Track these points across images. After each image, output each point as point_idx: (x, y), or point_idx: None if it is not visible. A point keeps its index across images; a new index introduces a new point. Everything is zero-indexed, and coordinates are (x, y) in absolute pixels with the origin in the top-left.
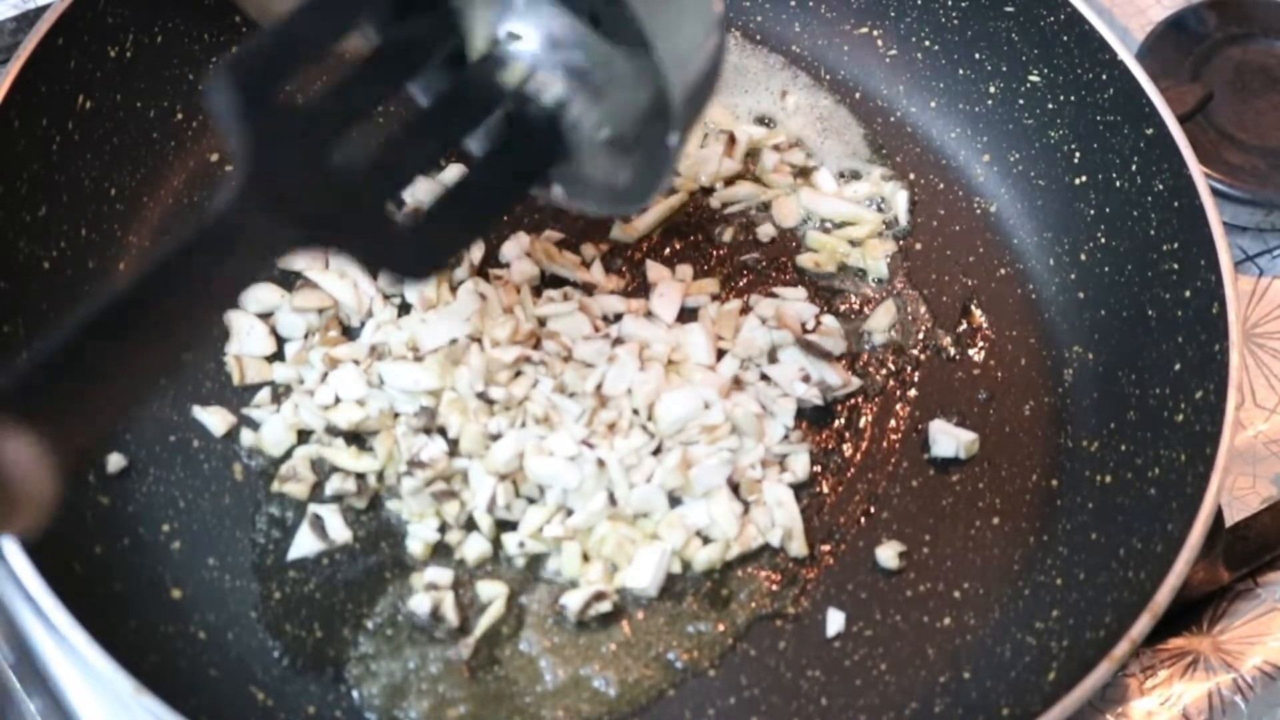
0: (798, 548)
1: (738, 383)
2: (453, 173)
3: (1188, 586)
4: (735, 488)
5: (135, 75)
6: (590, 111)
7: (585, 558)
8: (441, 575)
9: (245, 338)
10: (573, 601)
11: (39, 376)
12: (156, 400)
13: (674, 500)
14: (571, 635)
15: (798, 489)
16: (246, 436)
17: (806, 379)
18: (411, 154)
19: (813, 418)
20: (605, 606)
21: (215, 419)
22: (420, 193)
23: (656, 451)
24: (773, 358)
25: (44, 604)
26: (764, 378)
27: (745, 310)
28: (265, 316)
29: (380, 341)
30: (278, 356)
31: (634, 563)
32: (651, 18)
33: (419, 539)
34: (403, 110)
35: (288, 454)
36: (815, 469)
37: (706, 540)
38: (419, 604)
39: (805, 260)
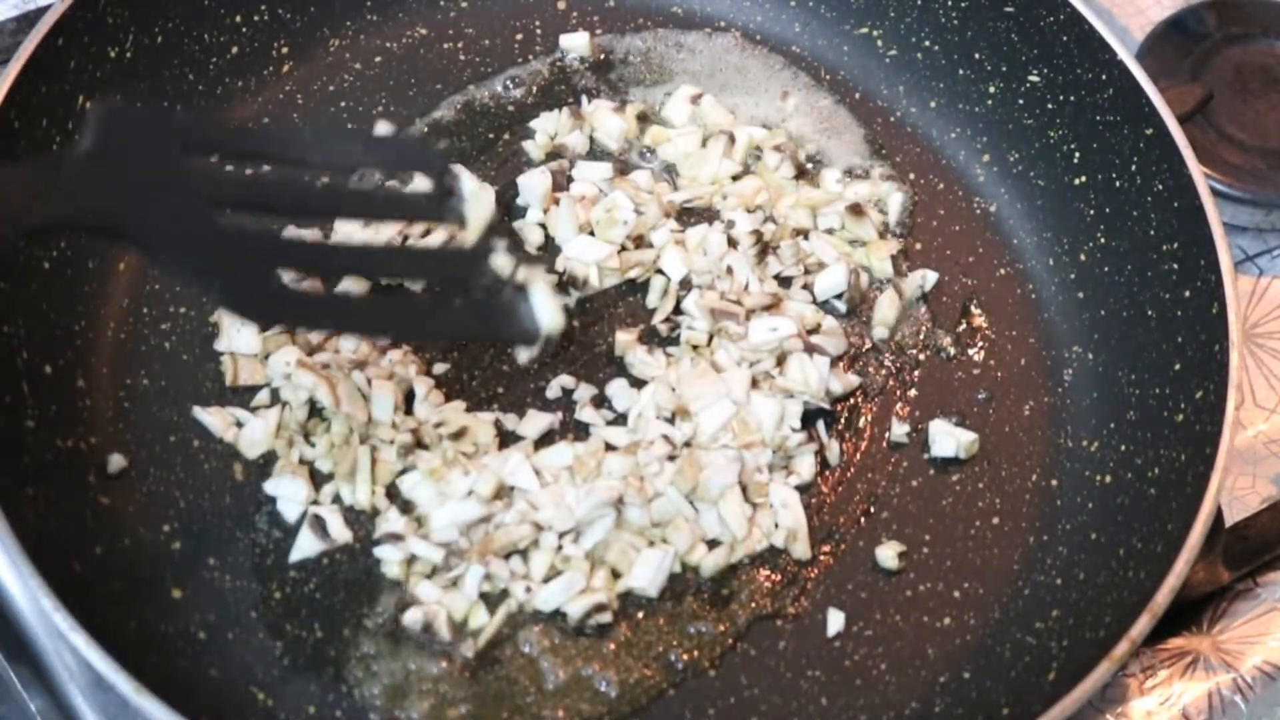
0: (801, 550)
1: (754, 384)
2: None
3: (1188, 586)
4: (743, 490)
5: (135, 75)
6: None
7: (590, 565)
8: (432, 592)
9: (235, 335)
10: (574, 610)
11: None
12: (156, 400)
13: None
14: (572, 635)
15: (799, 490)
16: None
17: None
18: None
19: (812, 418)
20: (605, 618)
21: (215, 419)
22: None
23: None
24: (779, 360)
25: (44, 604)
26: (770, 379)
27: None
28: None
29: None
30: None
31: (636, 564)
32: None
33: (391, 561)
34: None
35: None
36: (815, 469)
37: (711, 545)
38: (411, 619)
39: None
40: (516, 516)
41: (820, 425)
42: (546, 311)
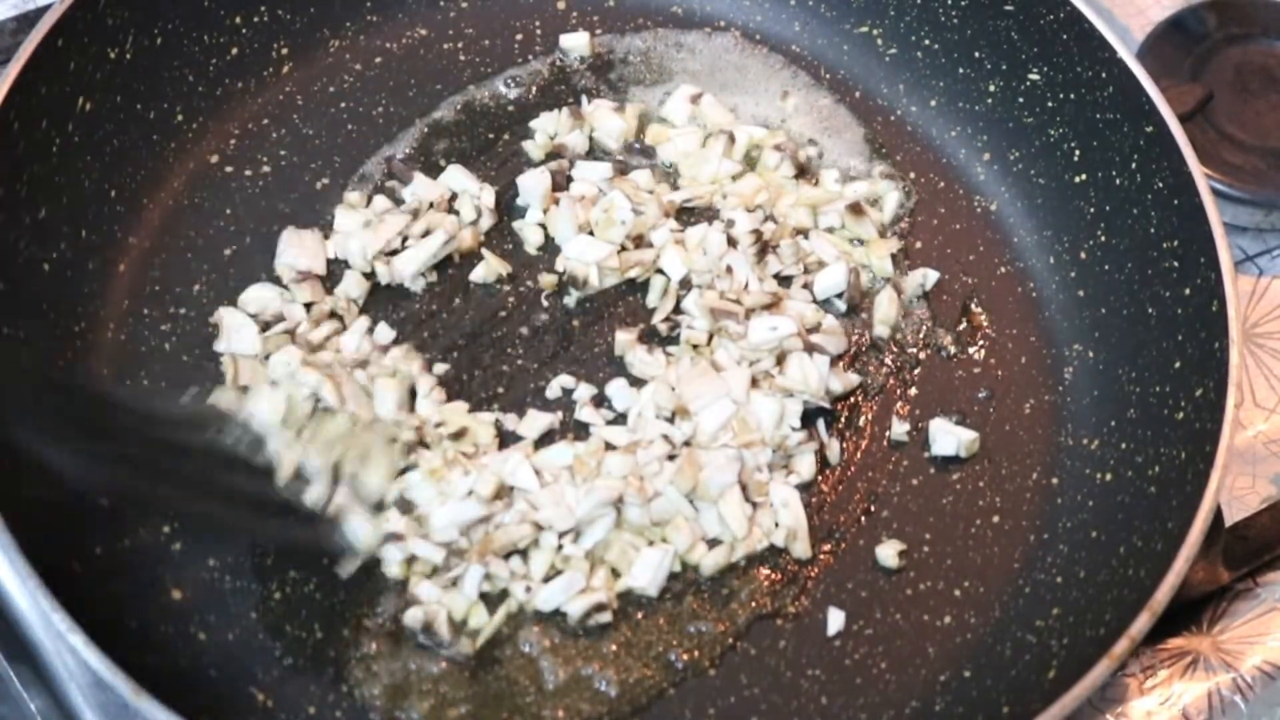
0: (802, 549)
1: (754, 383)
2: None
3: (1187, 586)
4: (743, 489)
5: (135, 77)
6: None
7: (590, 564)
8: (432, 592)
9: (234, 335)
10: (573, 609)
11: None
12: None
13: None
14: (572, 635)
15: (799, 489)
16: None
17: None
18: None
19: (812, 417)
20: (605, 617)
21: None
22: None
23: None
24: (779, 360)
25: (44, 604)
26: (769, 378)
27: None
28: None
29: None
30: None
31: (635, 564)
32: None
33: (392, 561)
34: None
35: None
36: (815, 468)
37: (711, 544)
38: (412, 618)
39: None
40: (516, 516)
41: (820, 424)
42: (362, 532)
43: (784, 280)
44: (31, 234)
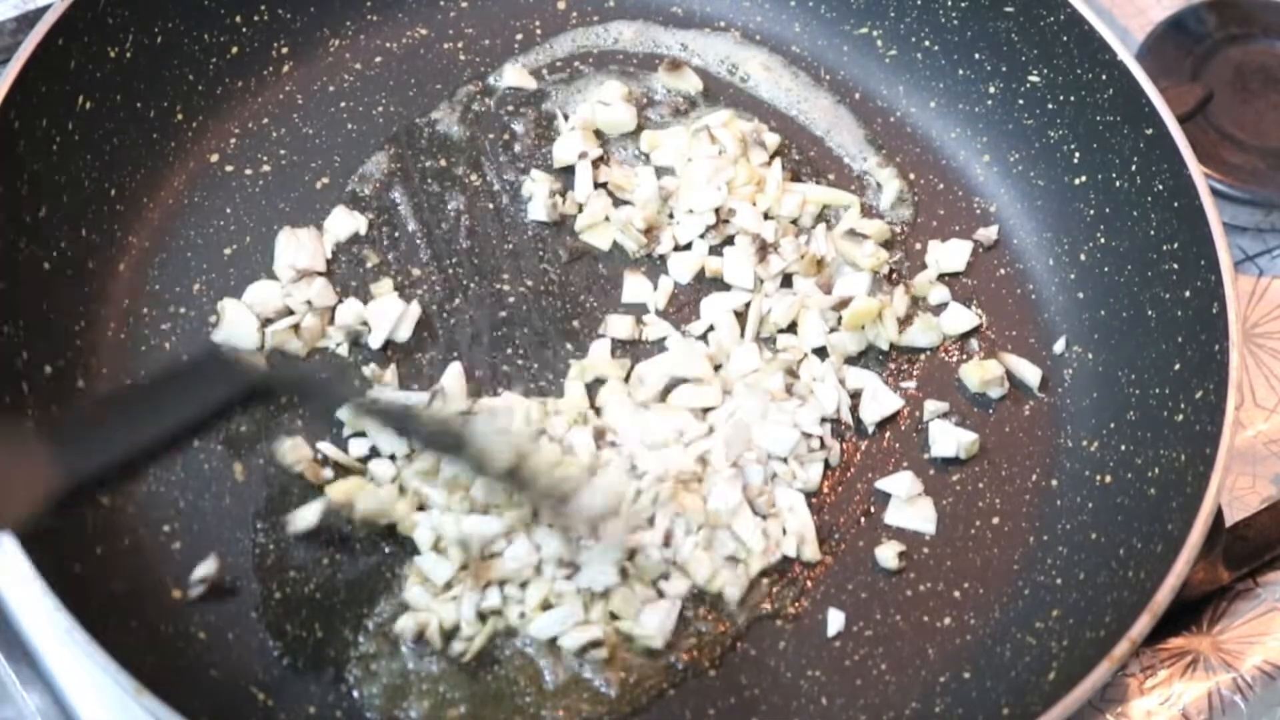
0: (810, 552)
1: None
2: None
3: (1188, 586)
4: (750, 506)
5: (135, 75)
6: None
7: (586, 606)
8: (423, 598)
9: (234, 327)
10: (568, 643)
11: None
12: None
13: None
14: None
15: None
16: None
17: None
18: None
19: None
20: (601, 654)
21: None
22: None
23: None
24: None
25: (44, 604)
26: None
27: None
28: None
29: None
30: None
31: (643, 614)
32: None
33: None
34: None
35: None
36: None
37: (727, 560)
38: (404, 626)
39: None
40: (520, 550)
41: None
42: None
43: (788, 280)
44: (31, 233)
